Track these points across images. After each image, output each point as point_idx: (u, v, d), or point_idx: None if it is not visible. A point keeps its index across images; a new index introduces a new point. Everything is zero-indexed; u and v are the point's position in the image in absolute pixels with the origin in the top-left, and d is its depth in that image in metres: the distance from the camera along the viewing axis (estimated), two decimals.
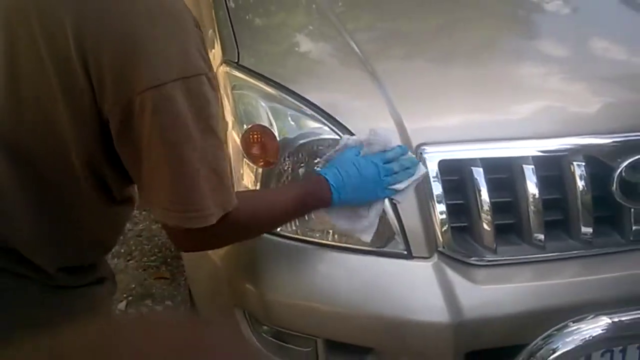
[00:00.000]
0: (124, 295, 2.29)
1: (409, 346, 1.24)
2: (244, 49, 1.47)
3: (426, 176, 1.21)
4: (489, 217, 1.29)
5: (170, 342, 0.33)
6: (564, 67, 1.57)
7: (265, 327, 1.34)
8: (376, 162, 1.10)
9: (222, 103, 1.42)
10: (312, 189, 1.04)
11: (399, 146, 1.15)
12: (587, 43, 1.70)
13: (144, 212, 2.79)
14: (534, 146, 1.32)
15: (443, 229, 1.28)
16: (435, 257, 1.27)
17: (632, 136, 1.35)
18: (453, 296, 1.23)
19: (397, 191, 1.12)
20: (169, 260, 2.48)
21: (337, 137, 1.29)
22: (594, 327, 1.15)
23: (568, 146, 1.34)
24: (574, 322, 1.15)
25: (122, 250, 2.54)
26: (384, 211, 1.27)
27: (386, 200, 1.27)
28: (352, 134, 1.29)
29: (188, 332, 0.34)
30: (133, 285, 2.36)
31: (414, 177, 1.14)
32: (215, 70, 1.47)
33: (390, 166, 1.11)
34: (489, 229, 1.30)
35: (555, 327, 1.15)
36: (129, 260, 2.49)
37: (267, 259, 1.29)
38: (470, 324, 1.23)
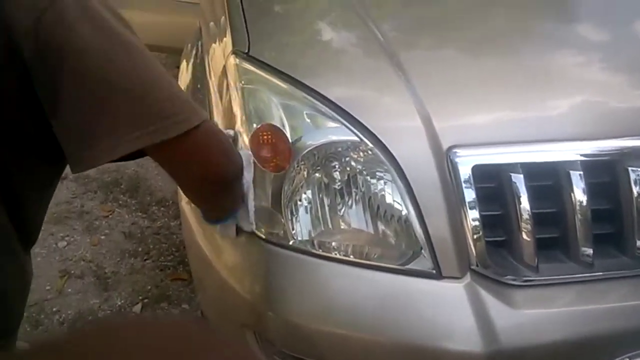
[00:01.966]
0: (140, 298, 2.20)
1: None
2: (255, 39, 1.33)
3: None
4: (529, 230, 1.14)
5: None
6: (614, 57, 1.39)
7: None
8: None
9: (230, 98, 1.28)
10: None
11: None
12: (637, 27, 1.51)
13: (162, 209, 2.69)
14: (583, 149, 1.16)
15: (477, 244, 1.12)
16: (468, 277, 1.12)
17: None
18: (488, 321, 1.08)
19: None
20: (186, 260, 2.37)
21: (357, 138, 1.15)
22: None
23: (622, 148, 1.17)
24: (630, 358, 0.99)
25: (140, 249, 2.44)
26: (408, 222, 1.13)
27: (412, 211, 1.13)
28: (372, 134, 1.14)
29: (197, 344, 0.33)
30: (149, 287, 2.26)
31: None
32: (224, 62, 1.34)
33: None
34: (529, 242, 1.14)
35: None
36: (145, 260, 2.40)
37: (278, 276, 1.16)
38: (507, 352, 1.08)
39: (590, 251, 1.16)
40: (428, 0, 1.64)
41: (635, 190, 1.16)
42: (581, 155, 1.16)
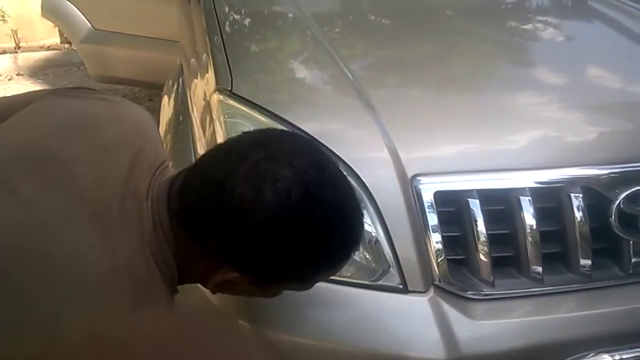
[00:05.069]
0: None
1: None
2: (237, 77, 1.46)
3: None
4: (485, 249, 1.26)
5: None
6: (561, 96, 1.56)
7: None
8: None
9: (214, 131, 1.40)
10: None
11: None
12: (584, 72, 1.68)
13: None
14: (531, 177, 1.30)
15: (439, 262, 1.25)
16: (432, 291, 1.23)
17: (631, 167, 1.33)
18: (449, 331, 1.20)
19: None
20: None
21: None
22: None
23: (565, 177, 1.31)
24: (574, 359, 1.12)
25: None
26: (378, 243, 1.24)
27: (381, 232, 1.24)
28: (345, 163, 1.27)
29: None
30: None
31: None
32: (208, 97, 1.46)
33: None
34: (486, 261, 1.26)
35: None
36: None
37: None
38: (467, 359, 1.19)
39: (540, 268, 1.29)
40: (393, 42, 1.79)
41: (577, 214, 1.30)
42: (530, 182, 1.30)
